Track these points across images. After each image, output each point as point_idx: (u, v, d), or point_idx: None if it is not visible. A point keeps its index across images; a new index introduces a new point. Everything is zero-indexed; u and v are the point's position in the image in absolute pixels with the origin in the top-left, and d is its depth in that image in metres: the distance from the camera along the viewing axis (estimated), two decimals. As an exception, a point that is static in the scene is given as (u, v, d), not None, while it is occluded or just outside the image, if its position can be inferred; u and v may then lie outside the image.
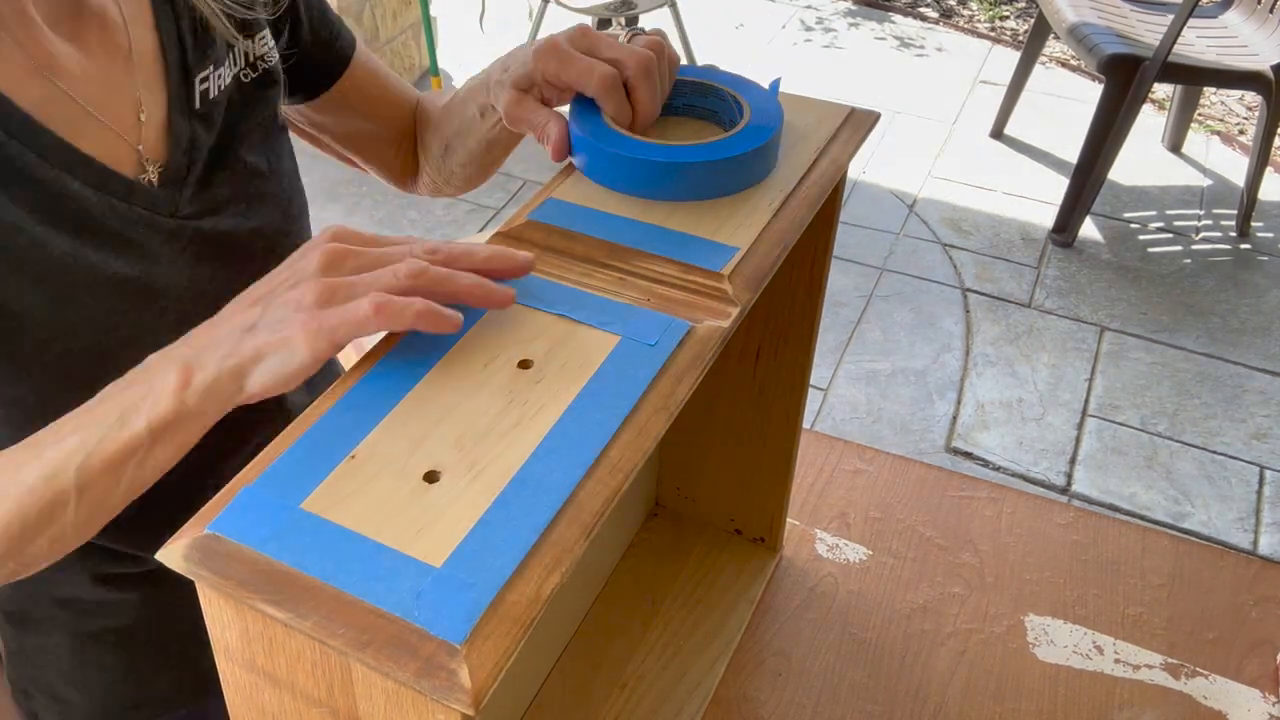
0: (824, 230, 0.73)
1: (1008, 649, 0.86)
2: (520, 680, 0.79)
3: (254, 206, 0.74)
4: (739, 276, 0.56)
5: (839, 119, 0.69)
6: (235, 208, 0.73)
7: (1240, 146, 3.17)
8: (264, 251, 0.75)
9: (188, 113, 0.69)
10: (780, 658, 0.85)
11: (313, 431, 0.46)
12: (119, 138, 0.66)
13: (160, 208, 0.68)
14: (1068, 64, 3.63)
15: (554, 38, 0.65)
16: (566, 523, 0.43)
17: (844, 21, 3.91)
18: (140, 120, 0.67)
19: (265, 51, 0.75)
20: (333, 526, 0.42)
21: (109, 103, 0.65)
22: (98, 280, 0.64)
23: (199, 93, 0.70)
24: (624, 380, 0.49)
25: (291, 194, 0.79)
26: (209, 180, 0.71)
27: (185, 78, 0.70)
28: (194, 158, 0.70)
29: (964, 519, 0.97)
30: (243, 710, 0.47)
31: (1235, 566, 0.93)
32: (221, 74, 0.72)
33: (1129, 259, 2.73)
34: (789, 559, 0.93)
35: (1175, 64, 2.53)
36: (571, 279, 0.56)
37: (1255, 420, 2.27)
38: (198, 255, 0.70)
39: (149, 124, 0.67)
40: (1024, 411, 2.28)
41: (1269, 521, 2.05)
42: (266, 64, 0.75)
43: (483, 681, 0.37)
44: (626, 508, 0.91)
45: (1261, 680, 0.84)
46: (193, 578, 0.42)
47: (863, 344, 2.45)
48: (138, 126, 0.67)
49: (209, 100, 0.71)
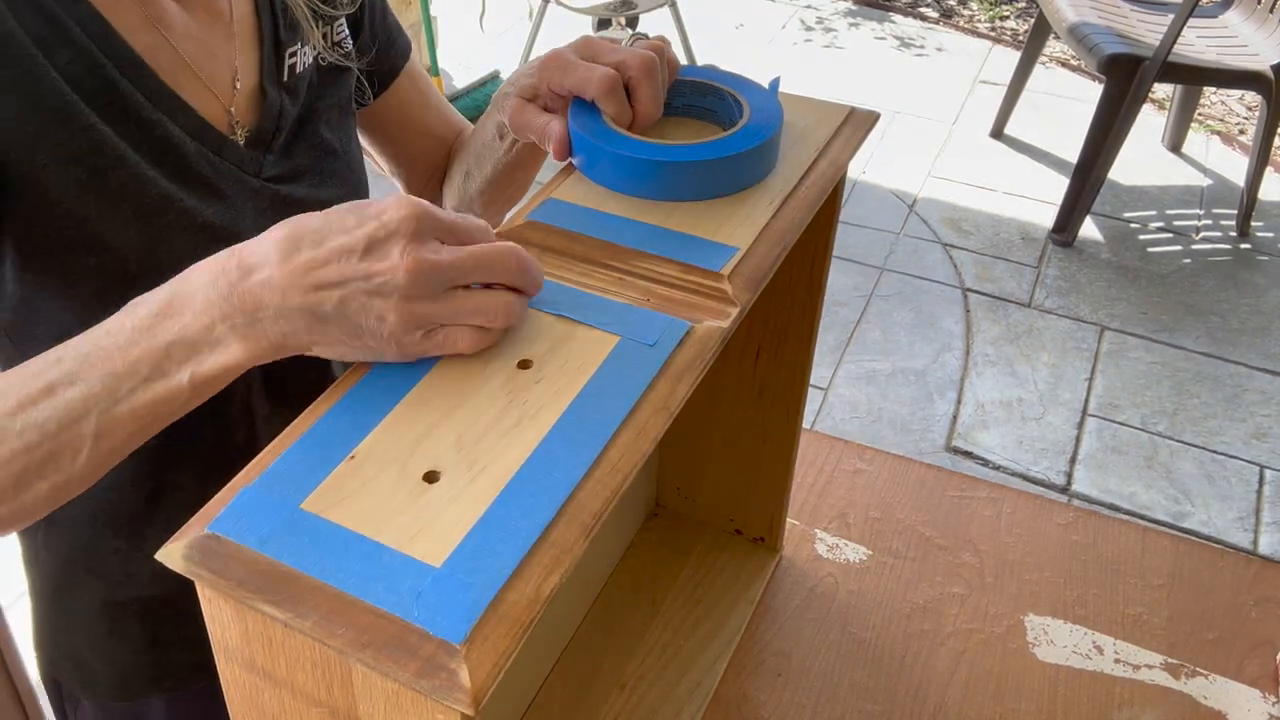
0: (824, 230, 0.73)
1: (1008, 649, 0.86)
2: (520, 680, 0.79)
3: (326, 181, 0.78)
4: (739, 276, 0.56)
5: (839, 119, 0.69)
6: (310, 179, 0.76)
7: (1240, 146, 3.17)
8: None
9: (277, 83, 0.74)
10: (780, 658, 0.85)
11: (312, 431, 0.46)
12: (214, 97, 0.70)
13: (247, 166, 0.72)
14: (1068, 64, 3.63)
15: (557, 49, 0.66)
16: (566, 523, 0.43)
17: (844, 21, 3.91)
18: (235, 84, 0.72)
19: (341, 39, 0.79)
20: (332, 526, 0.42)
21: (208, 63, 0.70)
22: (190, 224, 0.67)
23: (288, 66, 0.75)
24: (624, 380, 0.49)
25: (359, 175, 0.83)
26: (290, 149, 0.75)
27: (277, 50, 0.74)
28: (280, 125, 0.74)
29: (964, 519, 0.97)
30: (243, 710, 0.47)
31: (1235, 566, 0.93)
32: (305, 53, 0.76)
33: (1129, 259, 2.73)
34: (789, 559, 0.93)
35: (1175, 64, 2.53)
36: (571, 279, 0.56)
37: (1255, 420, 2.27)
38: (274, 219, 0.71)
39: (242, 89, 0.72)
40: (1024, 411, 2.28)
41: (1269, 521, 2.05)
42: (342, 50, 0.79)
43: (482, 681, 0.37)
44: (626, 508, 0.91)
45: (1261, 680, 0.84)
46: (192, 577, 0.42)
47: (863, 344, 2.45)
48: (231, 89, 0.72)
49: (295, 74, 0.75)
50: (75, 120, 0.62)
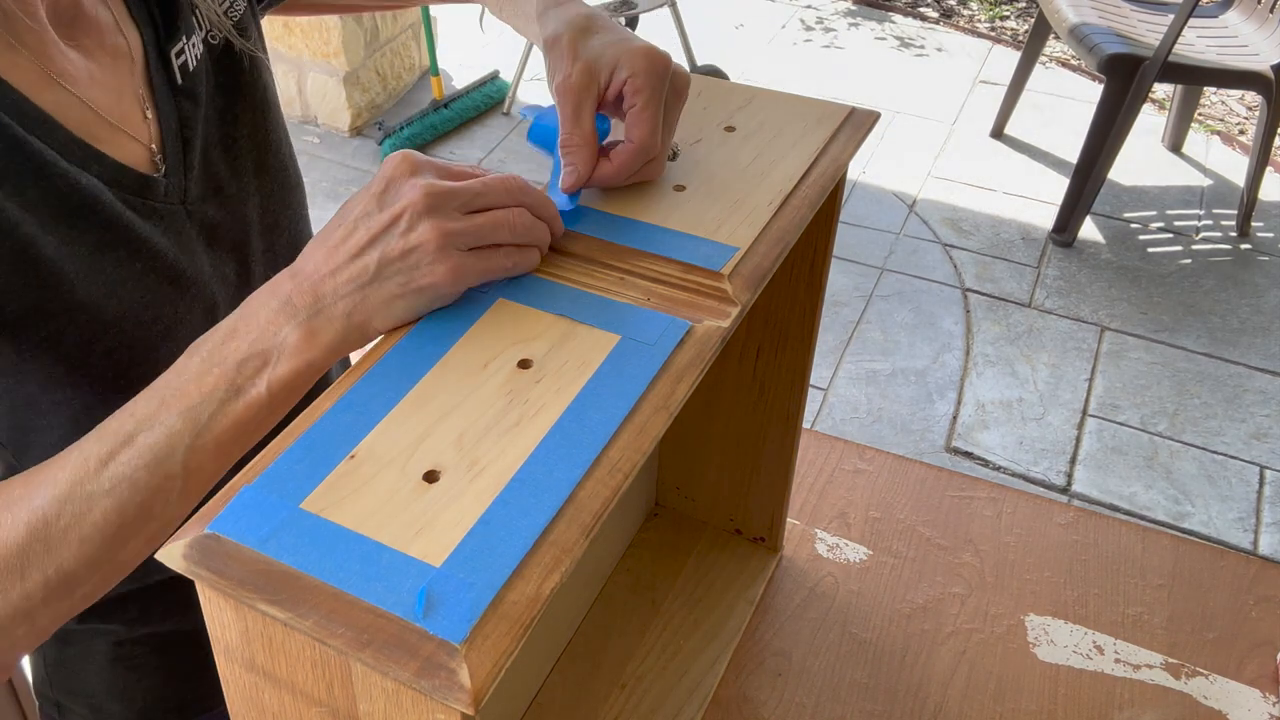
0: (824, 230, 0.73)
1: (1008, 649, 0.86)
2: (520, 680, 0.78)
3: (251, 182, 0.74)
4: (739, 276, 0.56)
5: (839, 119, 0.69)
6: (237, 183, 0.72)
7: (1240, 146, 3.17)
8: (267, 229, 0.75)
9: (171, 95, 0.68)
10: (780, 658, 0.85)
11: (312, 431, 0.46)
12: (131, 138, 0.66)
13: (172, 197, 0.67)
14: (1068, 64, 3.63)
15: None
16: (566, 522, 0.43)
17: (844, 21, 3.91)
18: (146, 115, 0.67)
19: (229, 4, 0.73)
20: (332, 526, 0.42)
21: (117, 105, 0.65)
22: (128, 275, 0.64)
23: (177, 69, 0.69)
24: (624, 380, 0.49)
25: (286, 164, 0.78)
26: (207, 160, 0.70)
27: (162, 57, 0.68)
28: (187, 137, 0.69)
29: (964, 519, 0.97)
30: (243, 710, 0.47)
31: (1235, 566, 0.93)
32: (194, 42, 0.70)
33: (1129, 259, 2.73)
34: (789, 559, 0.93)
35: (1175, 64, 2.53)
36: (571, 279, 0.56)
37: (1255, 420, 2.27)
38: (209, 240, 0.70)
39: (152, 118, 0.67)
40: (1024, 411, 2.28)
41: (1269, 521, 2.04)
42: (233, 16, 0.73)
43: (482, 681, 0.37)
44: (626, 508, 0.91)
45: (1261, 680, 0.84)
46: (192, 577, 0.42)
47: (863, 344, 2.45)
48: (145, 124, 0.67)
49: (189, 74, 0.69)
50: None
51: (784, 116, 0.69)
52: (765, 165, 0.64)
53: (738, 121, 0.69)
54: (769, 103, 0.71)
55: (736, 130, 0.68)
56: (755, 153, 0.65)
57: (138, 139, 0.66)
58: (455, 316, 0.53)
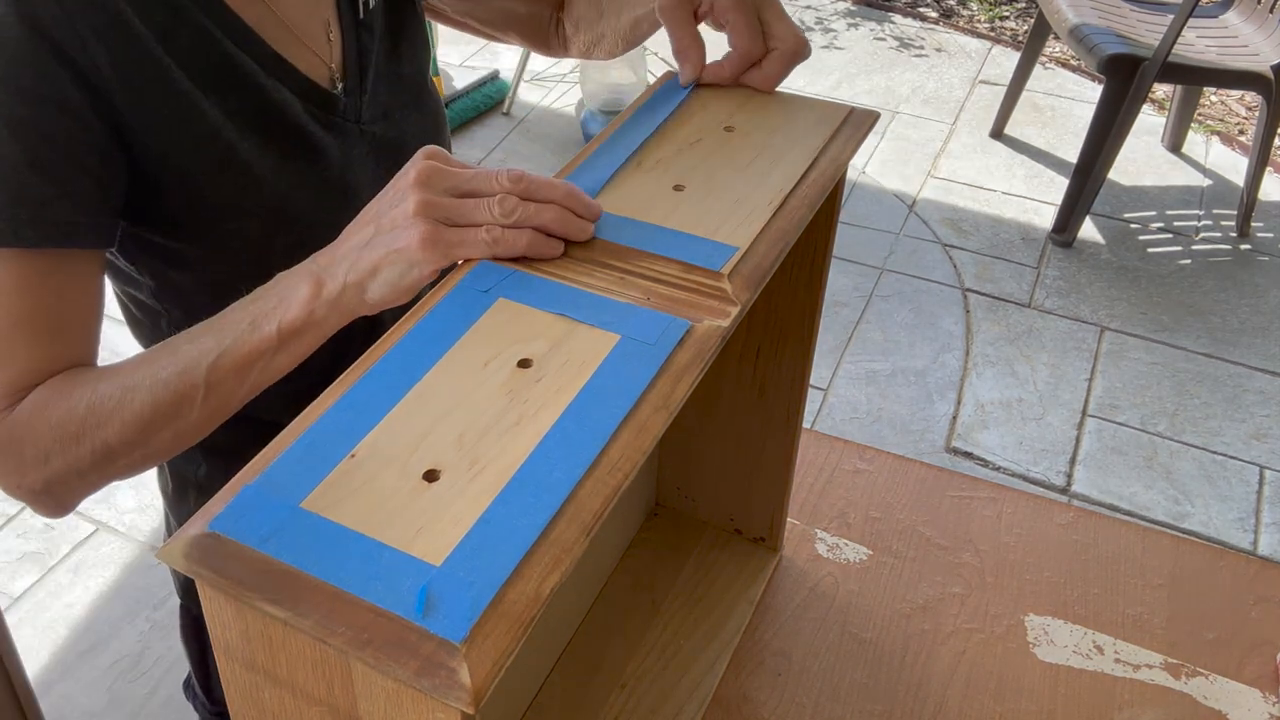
0: (824, 230, 0.73)
1: (1008, 649, 0.86)
2: (520, 680, 0.79)
3: (411, 114, 0.83)
4: (738, 276, 0.56)
5: (839, 119, 0.69)
6: (401, 113, 0.82)
7: (1240, 146, 3.17)
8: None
9: (355, 24, 0.79)
10: (780, 658, 0.85)
11: (313, 430, 0.46)
12: (314, 55, 0.76)
13: (349, 115, 0.77)
14: (1068, 64, 3.63)
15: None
16: (566, 522, 0.43)
17: (844, 21, 3.91)
18: (329, 37, 0.76)
19: None
20: (333, 525, 0.42)
21: (306, 23, 0.76)
22: (308, 180, 0.74)
23: (362, 4, 0.79)
24: (624, 379, 0.49)
25: (437, 104, 0.88)
26: (378, 89, 0.80)
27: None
28: (364, 65, 0.79)
29: (964, 519, 0.97)
30: (243, 709, 0.47)
31: (1235, 566, 0.93)
32: None
33: (1129, 259, 2.73)
34: (789, 559, 0.93)
35: (1175, 64, 2.53)
36: (571, 279, 0.56)
37: (1255, 420, 2.27)
38: (377, 159, 0.79)
39: (335, 41, 0.77)
40: (1024, 411, 2.28)
41: (1269, 521, 2.05)
42: None
43: (482, 680, 0.37)
44: (626, 507, 0.91)
45: (1261, 680, 0.84)
46: (193, 576, 0.42)
47: (863, 344, 2.45)
48: (328, 44, 0.77)
49: (369, 10, 0.80)
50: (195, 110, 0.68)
51: (784, 116, 0.69)
52: (765, 165, 0.64)
53: (737, 121, 0.69)
54: (769, 103, 0.71)
55: (736, 130, 0.68)
56: (755, 152, 0.65)
57: (319, 56, 0.75)
58: (455, 316, 0.53)
